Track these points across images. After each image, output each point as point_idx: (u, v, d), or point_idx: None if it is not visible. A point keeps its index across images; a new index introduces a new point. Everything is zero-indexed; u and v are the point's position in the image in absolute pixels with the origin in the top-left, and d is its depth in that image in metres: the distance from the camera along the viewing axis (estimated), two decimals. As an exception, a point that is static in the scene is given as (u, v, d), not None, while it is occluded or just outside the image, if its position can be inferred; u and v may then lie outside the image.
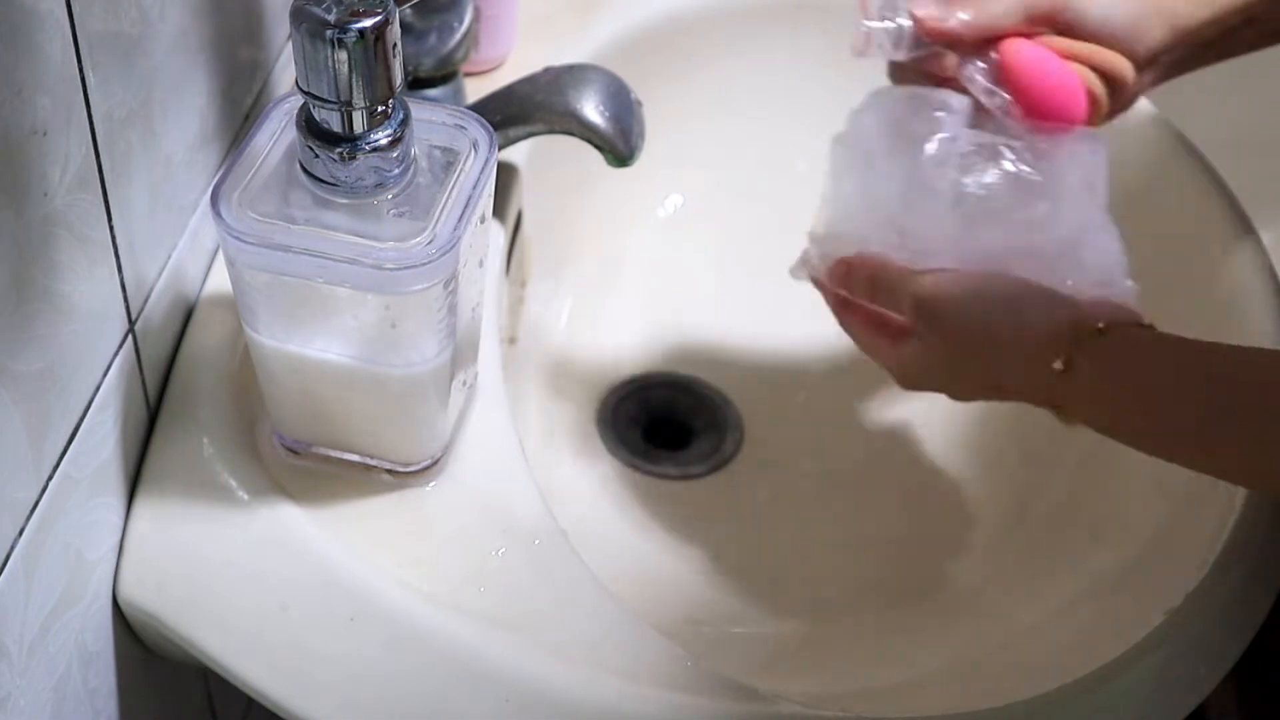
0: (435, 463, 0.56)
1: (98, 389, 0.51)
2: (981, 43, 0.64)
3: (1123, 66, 0.64)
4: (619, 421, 0.83)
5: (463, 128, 0.51)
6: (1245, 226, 0.74)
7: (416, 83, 0.71)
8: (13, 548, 0.46)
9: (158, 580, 0.55)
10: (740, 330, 0.88)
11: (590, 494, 0.78)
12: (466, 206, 0.48)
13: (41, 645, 0.49)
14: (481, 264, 0.54)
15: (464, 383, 0.57)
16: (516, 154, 0.74)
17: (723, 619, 0.72)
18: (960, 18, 0.64)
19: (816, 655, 0.69)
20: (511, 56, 0.82)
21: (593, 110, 0.65)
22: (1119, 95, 0.65)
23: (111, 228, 0.50)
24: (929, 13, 0.64)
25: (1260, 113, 1.09)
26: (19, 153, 0.43)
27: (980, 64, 0.64)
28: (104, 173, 0.49)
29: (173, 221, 0.57)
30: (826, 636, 0.71)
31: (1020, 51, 0.64)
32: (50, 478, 0.48)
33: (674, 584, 0.74)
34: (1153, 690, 0.56)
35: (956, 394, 0.65)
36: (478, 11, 0.73)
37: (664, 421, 0.84)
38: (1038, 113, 0.64)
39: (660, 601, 0.71)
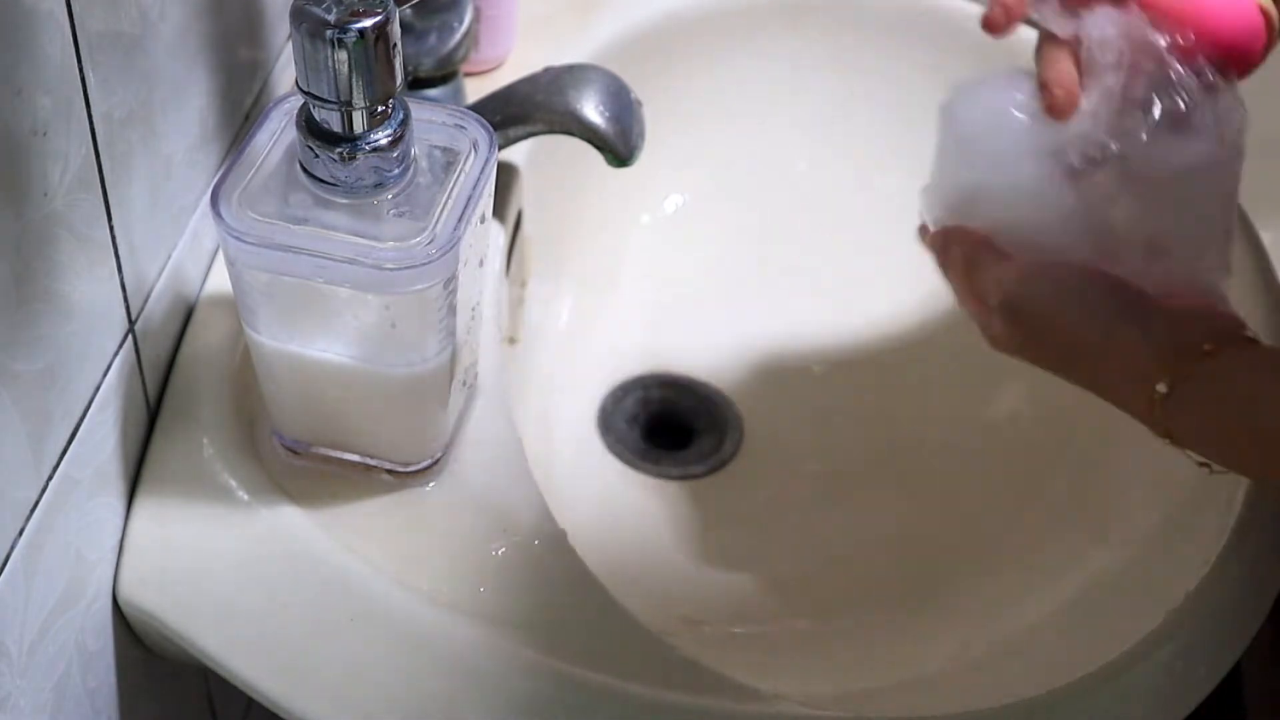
0: (435, 463, 0.56)
1: (98, 389, 0.51)
2: None
3: None
4: (619, 421, 0.83)
5: (463, 128, 0.51)
6: (1245, 227, 0.74)
7: (416, 83, 0.71)
8: (13, 548, 0.46)
9: (158, 580, 0.55)
10: (740, 330, 0.88)
11: (590, 494, 0.78)
12: (466, 206, 0.48)
13: (41, 645, 0.49)
14: (481, 264, 0.54)
15: (464, 383, 0.57)
16: (516, 154, 0.74)
17: (723, 619, 0.72)
18: None
19: (816, 655, 0.69)
20: (511, 56, 0.82)
21: (593, 110, 0.65)
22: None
23: (111, 228, 0.50)
24: None
25: (1260, 113, 1.09)
26: (19, 153, 0.43)
27: (1120, 12, 0.56)
28: (104, 173, 0.49)
29: (173, 221, 0.57)
30: (827, 636, 0.71)
31: None
32: (50, 478, 0.48)
33: (674, 584, 0.74)
34: (1153, 690, 0.56)
35: (1046, 369, 0.60)
36: (478, 11, 0.73)
37: (664, 421, 0.84)
38: (1217, 38, 0.56)
39: (660, 601, 0.71)
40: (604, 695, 0.51)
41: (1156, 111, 0.56)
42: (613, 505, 0.78)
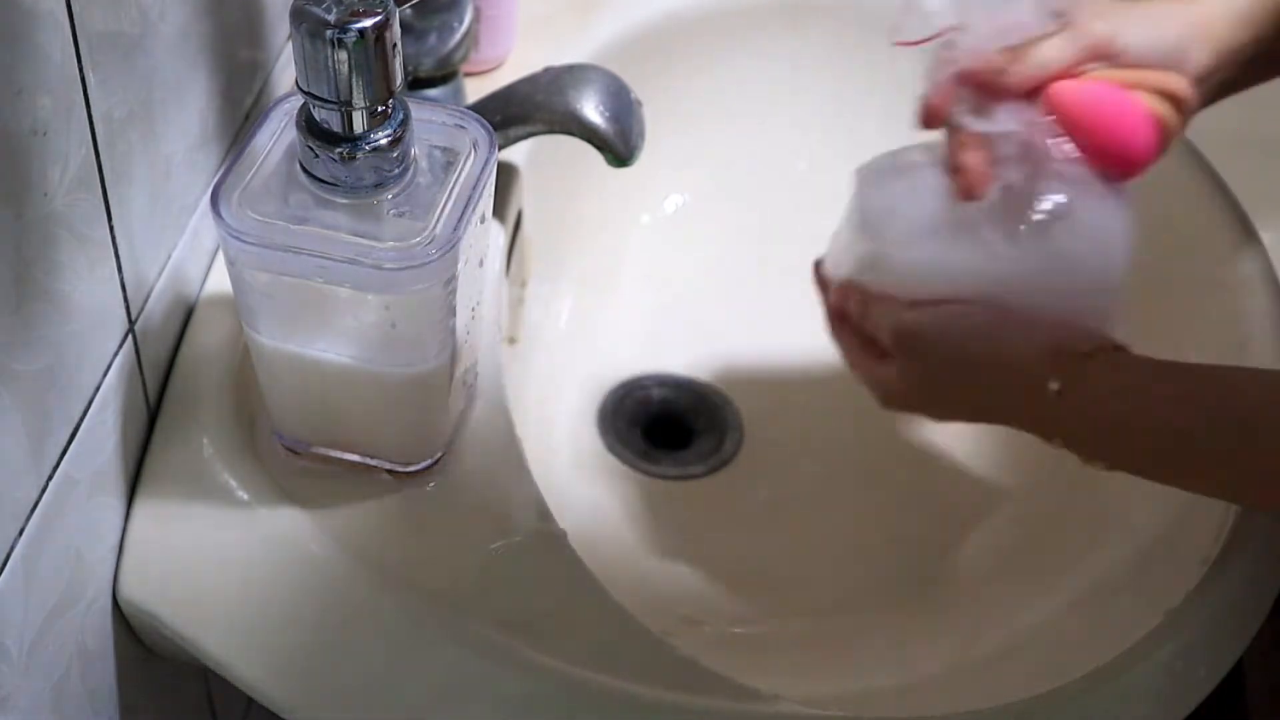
0: (435, 463, 0.56)
1: (98, 389, 0.51)
2: (1032, 89, 0.61)
3: (1181, 84, 0.62)
4: (619, 421, 0.83)
5: (463, 128, 0.51)
6: (1246, 227, 0.74)
7: (416, 83, 0.71)
8: (13, 548, 0.46)
9: (158, 580, 0.55)
10: (740, 330, 0.88)
11: (590, 494, 0.78)
12: (466, 206, 0.48)
13: (41, 645, 0.49)
14: (481, 264, 0.54)
15: (464, 383, 0.57)
16: (516, 154, 0.74)
17: (723, 619, 0.72)
18: (1012, 68, 0.61)
19: (816, 655, 0.69)
20: (511, 56, 0.82)
21: (593, 110, 0.65)
22: (1182, 116, 0.62)
23: (111, 228, 0.50)
24: (977, 66, 0.62)
25: (1260, 113, 1.09)
26: (19, 153, 0.43)
27: (1030, 110, 0.62)
28: (104, 173, 0.49)
29: (173, 221, 0.57)
30: (826, 636, 0.71)
31: (1080, 90, 0.61)
32: (50, 478, 0.48)
33: (674, 584, 0.74)
34: (1153, 690, 0.56)
35: (937, 416, 0.67)
36: (478, 11, 0.73)
37: (664, 421, 0.84)
38: (1105, 149, 0.61)
39: (660, 601, 0.71)
40: (604, 695, 0.51)
41: (1045, 204, 0.61)
42: (613, 505, 0.78)
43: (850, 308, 0.67)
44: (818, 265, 0.71)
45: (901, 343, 0.63)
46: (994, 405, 0.62)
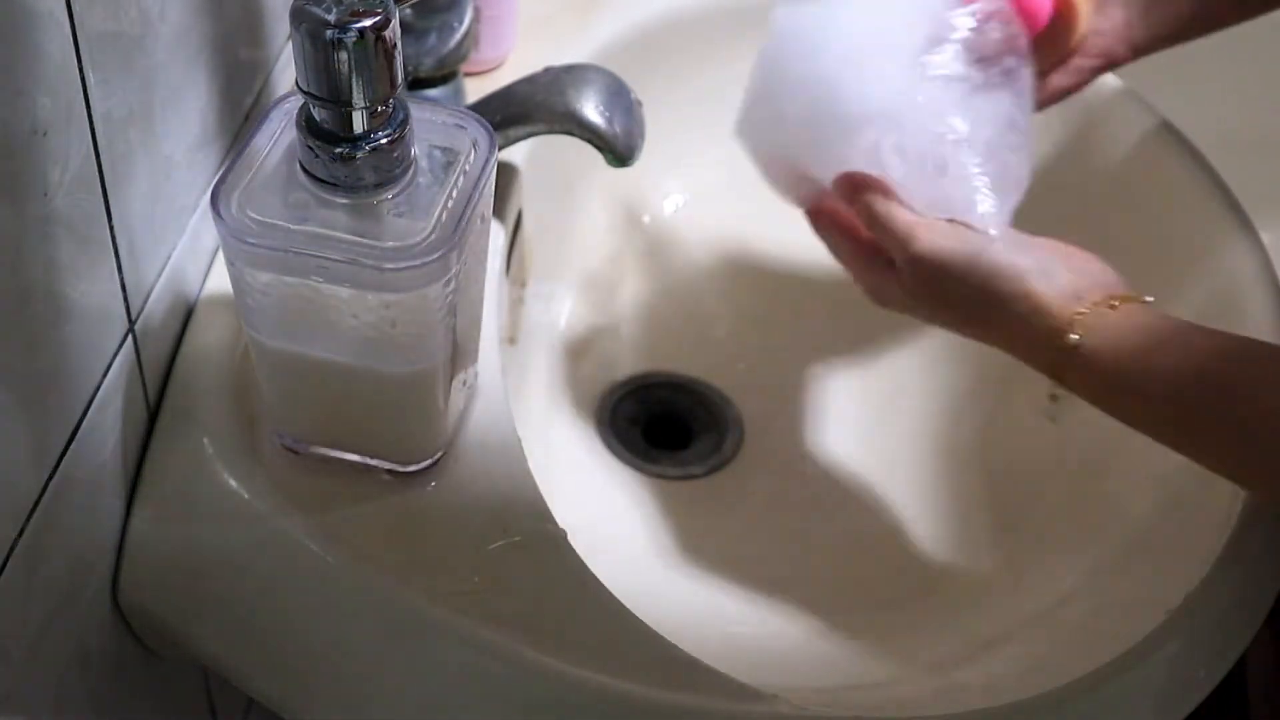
0: (435, 463, 0.56)
1: (98, 389, 0.51)
2: None
3: None
4: (619, 421, 0.83)
5: (463, 128, 0.51)
6: (1245, 226, 0.74)
7: (416, 83, 0.71)
8: (13, 548, 0.46)
9: (158, 580, 0.55)
10: (740, 330, 0.88)
11: (590, 494, 0.78)
12: (466, 206, 0.48)
13: (41, 645, 0.49)
14: (482, 264, 0.54)
15: (464, 383, 0.57)
16: (516, 154, 0.74)
17: (723, 619, 0.72)
18: None
19: (816, 655, 0.69)
20: (511, 56, 0.82)
21: (593, 110, 0.65)
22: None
23: (111, 228, 0.50)
24: None
25: (1260, 113, 1.09)
26: (19, 153, 0.43)
27: None
28: (104, 173, 0.49)
29: (173, 221, 0.57)
30: (826, 636, 0.71)
31: None
32: (50, 478, 0.48)
33: (674, 584, 0.74)
34: (1153, 690, 0.56)
35: (937, 324, 0.66)
36: (478, 11, 0.73)
37: (664, 421, 0.84)
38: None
39: (660, 601, 0.71)
40: (604, 695, 0.51)
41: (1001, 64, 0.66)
42: (613, 505, 0.78)
43: (858, 210, 0.66)
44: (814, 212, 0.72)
45: (919, 274, 0.62)
46: (1005, 340, 0.61)
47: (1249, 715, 0.81)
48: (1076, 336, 0.58)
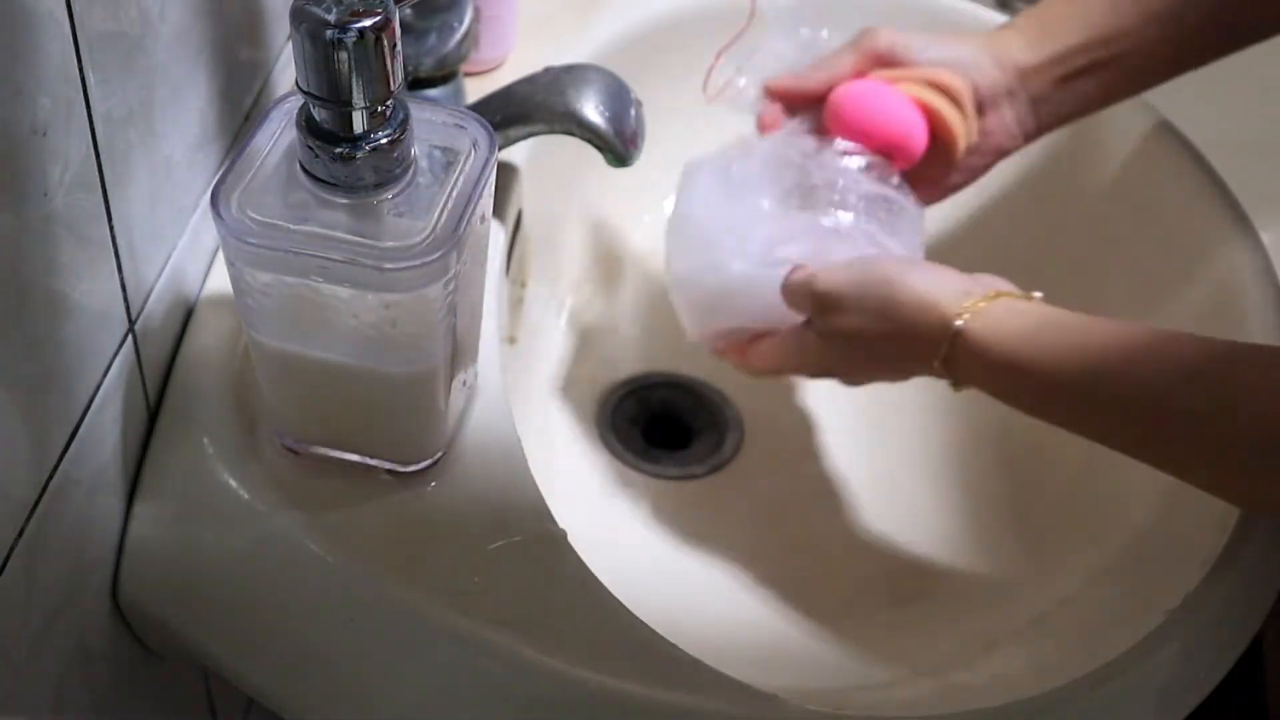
0: (435, 463, 0.56)
1: (98, 389, 0.51)
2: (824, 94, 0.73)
3: (953, 79, 0.70)
4: (619, 421, 0.83)
5: (463, 128, 0.51)
6: (1245, 227, 0.74)
7: (416, 83, 0.71)
8: (13, 548, 0.46)
9: (158, 580, 0.55)
10: (740, 330, 0.88)
11: (590, 494, 0.78)
12: (466, 206, 0.48)
13: (41, 645, 0.49)
14: (482, 264, 0.54)
15: (464, 383, 0.57)
16: (516, 154, 0.74)
17: (723, 619, 0.72)
18: (806, 78, 0.73)
19: (816, 655, 0.69)
20: (511, 56, 0.82)
21: (593, 110, 0.65)
22: (975, 112, 0.72)
23: (111, 228, 0.50)
24: (779, 83, 0.74)
25: (1260, 113, 1.09)
26: (19, 153, 0.43)
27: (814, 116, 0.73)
28: (104, 173, 0.49)
29: (173, 221, 0.57)
30: (826, 636, 0.71)
31: (850, 88, 0.72)
32: (50, 478, 0.48)
33: (674, 584, 0.74)
34: (1153, 690, 0.56)
35: (851, 375, 0.70)
36: (478, 11, 0.73)
37: (664, 421, 0.84)
38: (872, 136, 0.71)
39: (660, 601, 0.71)
40: (604, 695, 0.51)
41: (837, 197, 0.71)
42: (613, 505, 0.78)
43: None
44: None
45: (828, 305, 0.66)
46: (903, 347, 0.65)
47: (1268, 712, 0.80)
48: (961, 321, 0.61)
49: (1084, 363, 0.57)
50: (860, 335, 0.66)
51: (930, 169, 0.73)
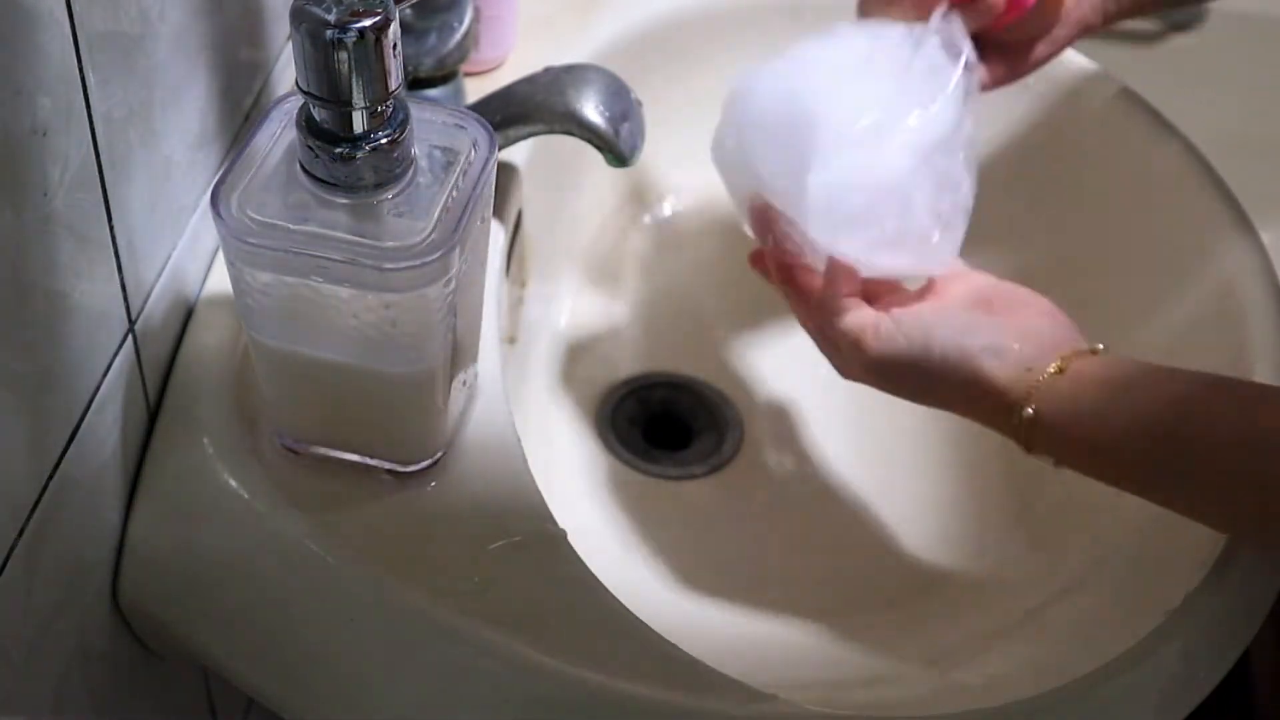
0: (435, 463, 0.56)
1: (98, 389, 0.51)
2: None
3: None
4: (619, 421, 0.83)
5: (463, 128, 0.51)
6: (1245, 227, 0.74)
7: (416, 83, 0.71)
8: (13, 548, 0.46)
9: (158, 580, 0.55)
10: (740, 330, 0.88)
11: (590, 494, 0.79)
12: (466, 206, 0.48)
13: (41, 645, 0.49)
14: (482, 264, 0.54)
15: (464, 383, 0.57)
16: (516, 154, 0.74)
17: (723, 619, 0.72)
18: None
19: (816, 654, 0.69)
20: (511, 56, 0.82)
21: (593, 110, 0.65)
22: None
23: (111, 228, 0.50)
24: None
25: (1260, 113, 1.09)
26: (19, 153, 0.43)
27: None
28: (104, 173, 0.49)
29: (173, 221, 0.57)
30: (826, 635, 0.71)
31: None
32: (50, 478, 0.48)
33: (674, 584, 0.74)
34: (1153, 690, 0.56)
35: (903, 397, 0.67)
36: (478, 11, 0.73)
37: (664, 421, 0.84)
38: None
39: (660, 601, 0.71)
40: (604, 695, 0.51)
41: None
42: (613, 505, 0.78)
43: (804, 296, 0.69)
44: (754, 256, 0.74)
45: (874, 374, 0.64)
46: (969, 412, 0.63)
47: (1254, 715, 0.80)
48: (1031, 411, 0.59)
49: (1165, 441, 0.56)
50: (916, 399, 0.65)
51: (1028, 27, 0.72)
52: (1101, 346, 0.61)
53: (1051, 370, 0.59)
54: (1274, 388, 0.56)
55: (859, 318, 0.64)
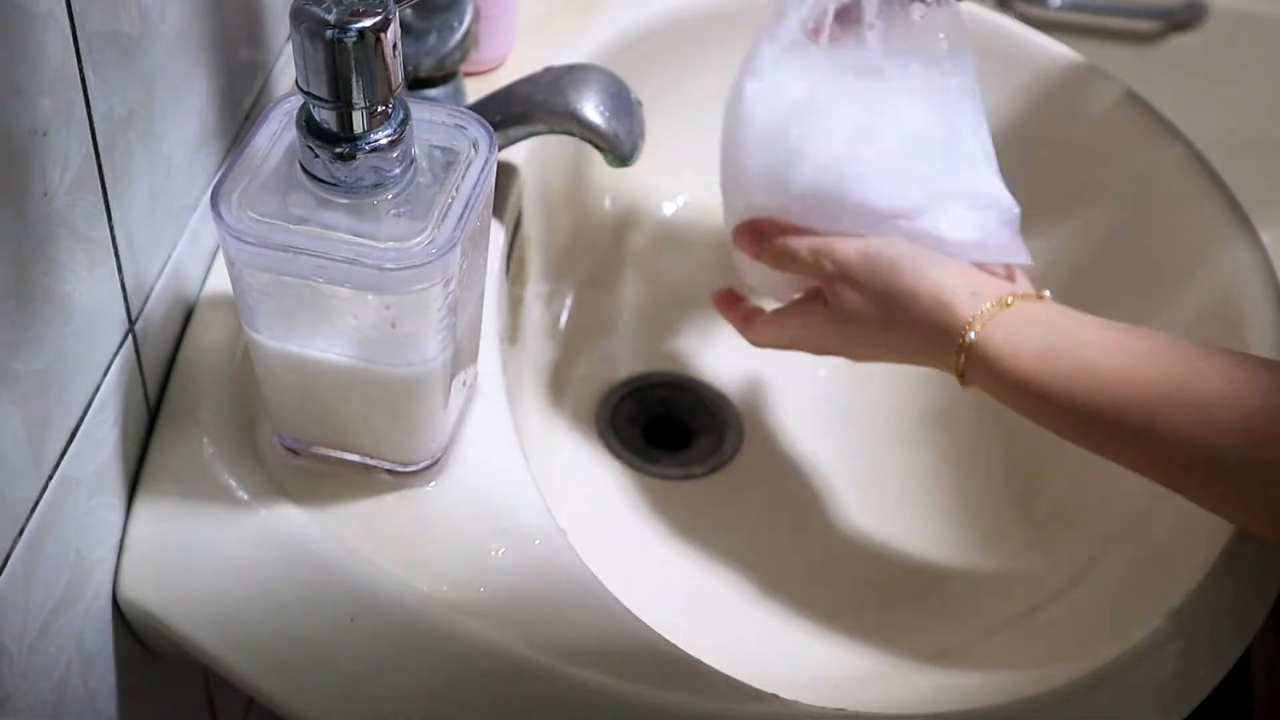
0: (435, 463, 0.56)
1: (98, 389, 0.51)
2: None
3: None
4: (619, 421, 0.83)
5: (463, 128, 0.51)
6: (1245, 227, 0.74)
7: (416, 83, 0.71)
8: (13, 548, 0.46)
9: (158, 580, 0.55)
10: (740, 330, 0.88)
11: (590, 494, 0.79)
12: (466, 206, 0.48)
13: (41, 645, 0.49)
14: (482, 264, 0.54)
15: (464, 383, 0.57)
16: (516, 154, 0.74)
17: (722, 618, 0.72)
18: None
19: (816, 654, 0.69)
20: (511, 56, 0.82)
21: (593, 110, 0.65)
22: None
23: (111, 228, 0.50)
24: None
25: (1260, 113, 1.09)
26: (19, 153, 0.43)
27: None
28: (104, 173, 0.49)
29: (173, 221, 0.57)
30: (826, 635, 0.71)
31: None
32: (50, 478, 0.48)
33: (674, 584, 0.74)
34: (1153, 690, 0.56)
35: (854, 356, 0.69)
36: (478, 11, 0.73)
37: (664, 421, 0.84)
38: None
39: (660, 601, 0.71)
40: (604, 695, 0.51)
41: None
42: (613, 505, 0.78)
43: (764, 251, 0.71)
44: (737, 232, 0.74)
45: (855, 270, 0.66)
46: (912, 347, 0.64)
47: (1253, 718, 0.80)
48: (974, 336, 0.60)
49: (1104, 394, 0.57)
50: (863, 320, 0.65)
51: None
52: (1048, 294, 0.63)
53: (996, 302, 0.61)
54: (1216, 348, 0.57)
55: (814, 238, 0.68)
